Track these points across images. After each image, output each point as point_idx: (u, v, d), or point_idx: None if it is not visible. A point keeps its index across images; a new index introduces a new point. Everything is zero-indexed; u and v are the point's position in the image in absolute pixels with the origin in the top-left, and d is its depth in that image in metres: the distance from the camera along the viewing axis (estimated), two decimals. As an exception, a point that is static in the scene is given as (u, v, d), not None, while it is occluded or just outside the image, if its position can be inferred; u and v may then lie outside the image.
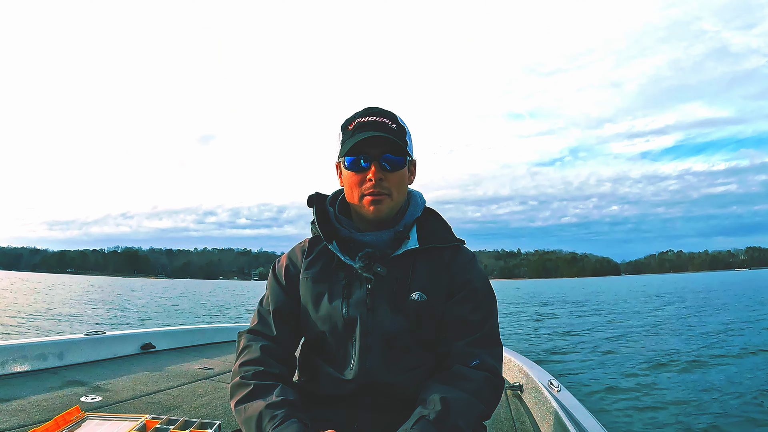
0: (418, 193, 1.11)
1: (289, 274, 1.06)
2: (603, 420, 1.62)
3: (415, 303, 0.97)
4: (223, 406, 1.97)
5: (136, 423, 1.40)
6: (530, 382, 2.14)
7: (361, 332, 0.96)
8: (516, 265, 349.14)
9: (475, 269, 1.04)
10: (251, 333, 1.03)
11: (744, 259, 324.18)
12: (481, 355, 0.95)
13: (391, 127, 0.98)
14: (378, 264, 0.97)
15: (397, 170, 0.98)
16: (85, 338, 2.67)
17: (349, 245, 1.02)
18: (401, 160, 0.99)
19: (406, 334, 0.97)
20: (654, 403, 4.98)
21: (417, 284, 0.99)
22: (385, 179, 0.97)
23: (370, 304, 0.97)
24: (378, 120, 0.98)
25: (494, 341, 1.00)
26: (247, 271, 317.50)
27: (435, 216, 1.11)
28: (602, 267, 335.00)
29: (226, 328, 3.79)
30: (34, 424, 1.57)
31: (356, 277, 0.99)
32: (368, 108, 1.01)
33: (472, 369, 0.93)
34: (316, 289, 1.01)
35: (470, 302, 1.00)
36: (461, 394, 0.87)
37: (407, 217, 1.05)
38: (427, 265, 1.01)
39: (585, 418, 1.59)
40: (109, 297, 27.92)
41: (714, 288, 37.86)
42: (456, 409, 0.84)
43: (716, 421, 4.33)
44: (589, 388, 5.70)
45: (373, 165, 0.96)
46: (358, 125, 0.98)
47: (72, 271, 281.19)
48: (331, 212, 1.06)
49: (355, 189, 0.99)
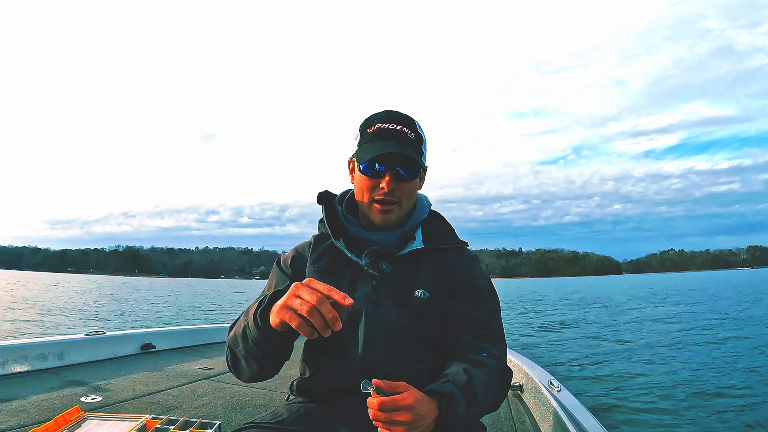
0: (424, 197, 1.14)
1: (295, 264, 1.08)
2: (603, 420, 1.62)
3: (418, 300, 0.99)
4: (223, 406, 1.97)
5: (136, 423, 1.40)
6: (530, 382, 2.14)
7: (366, 326, 0.97)
8: (517, 263, 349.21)
9: (477, 269, 1.07)
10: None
11: (745, 258, 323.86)
12: (489, 348, 0.98)
13: (410, 137, 0.99)
14: (383, 261, 1.00)
15: (411, 181, 1.00)
16: (85, 338, 2.68)
17: (356, 243, 1.03)
18: (416, 171, 1.00)
19: (408, 330, 0.98)
20: (654, 403, 4.98)
21: (420, 282, 1.01)
22: (398, 188, 0.99)
23: (375, 299, 0.98)
24: (398, 129, 0.98)
25: (500, 338, 1.03)
26: (248, 270, 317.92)
27: (440, 219, 1.14)
28: (603, 266, 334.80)
29: (227, 328, 3.79)
30: (34, 424, 1.58)
31: (362, 273, 1.01)
32: (389, 113, 1.01)
33: (485, 358, 0.95)
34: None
35: (473, 300, 1.02)
36: (481, 374, 0.90)
37: (413, 219, 1.07)
38: (431, 265, 1.03)
39: (585, 418, 1.59)
40: (109, 296, 27.97)
41: (714, 287, 37.83)
42: (478, 383, 0.87)
43: (717, 421, 4.33)
44: (589, 388, 5.70)
45: (388, 174, 0.97)
46: (378, 131, 0.98)
47: (73, 270, 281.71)
48: (340, 210, 1.07)
49: (366, 193, 1.00)
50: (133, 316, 16.03)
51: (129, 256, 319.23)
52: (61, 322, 12.61)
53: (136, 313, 17.26)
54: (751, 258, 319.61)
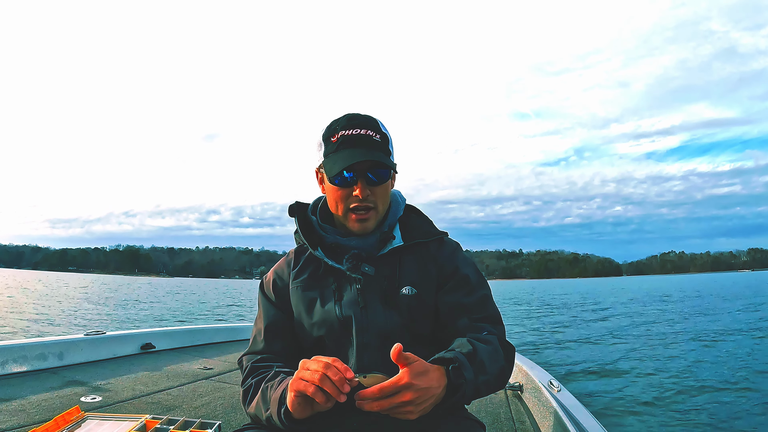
0: (398, 192, 1.12)
1: (277, 288, 1.07)
2: (603, 420, 1.62)
3: (406, 297, 0.98)
4: (223, 406, 1.97)
5: (136, 423, 1.40)
6: (530, 382, 2.14)
7: (357, 330, 0.97)
8: (518, 265, 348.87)
9: (461, 257, 1.06)
10: (247, 355, 1.04)
11: (746, 260, 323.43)
12: (487, 328, 0.97)
13: (375, 139, 0.97)
14: (365, 264, 0.99)
15: (383, 183, 0.99)
16: (85, 338, 2.68)
17: (335, 250, 1.02)
18: (386, 173, 0.99)
19: (401, 330, 0.98)
20: (654, 403, 4.97)
21: (406, 279, 1.00)
22: (372, 193, 0.97)
23: (362, 303, 0.98)
24: (363, 133, 0.96)
25: (497, 320, 1.01)
26: (249, 270, 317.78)
27: (416, 213, 1.13)
28: (604, 268, 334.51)
29: (226, 328, 3.80)
30: (34, 424, 1.58)
31: (345, 279, 1.00)
32: (351, 116, 0.99)
33: (485, 336, 0.94)
34: (307, 297, 1.02)
35: (462, 289, 1.02)
36: (484, 345, 0.90)
37: (390, 218, 1.06)
38: (414, 260, 1.03)
39: (585, 418, 1.59)
40: (109, 296, 27.96)
41: (714, 289, 37.76)
42: (483, 352, 0.87)
43: (716, 421, 4.33)
44: (589, 388, 5.70)
45: (360, 182, 0.95)
46: (342, 139, 0.96)
47: (73, 269, 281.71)
48: (314, 220, 1.06)
49: (341, 203, 0.98)
50: (133, 316, 16.03)
51: (129, 256, 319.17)
52: (61, 322, 12.61)
53: (136, 312, 17.25)
54: (751, 260, 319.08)
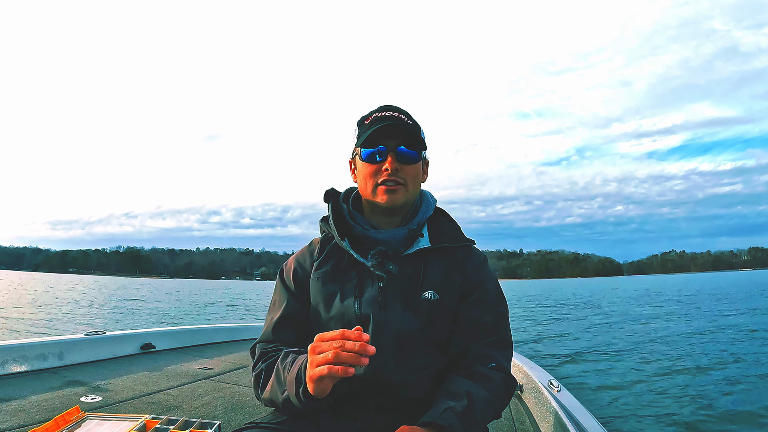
0: (429, 193, 1.13)
1: (297, 277, 1.06)
2: (603, 420, 1.62)
3: (427, 302, 0.97)
4: (223, 406, 1.97)
5: (136, 423, 1.40)
6: (530, 382, 2.13)
7: (374, 330, 0.95)
8: (518, 265, 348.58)
9: (487, 271, 1.06)
10: (260, 343, 1.04)
11: (747, 259, 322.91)
12: (497, 358, 0.97)
13: (407, 122, 1.00)
14: (390, 262, 0.98)
15: (413, 163, 1.01)
16: (85, 338, 2.68)
17: (362, 243, 1.02)
18: (416, 154, 1.01)
19: (418, 333, 0.96)
20: (654, 403, 4.97)
21: (429, 283, 0.99)
22: (401, 170, 0.99)
23: (383, 302, 0.97)
24: (395, 115, 1.00)
25: (507, 344, 1.02)
26: (249, 270, 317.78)
27: (445, 216, 1.12)
28: (605, 267, 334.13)
29: (226, 328, 3.79)
30: (34, 424, 1.58)
31: (368, 274, 0.99)
32: (384, 105, 1.04)
33: (491, 370, 0.94)
34: (327, 289, 1.01)
35: (484, 304, 1.01)
36: (484, 392, 0.89)
37: (420, 215, 1.06)
38: (440, 265, 1.02)
39: (585, 418, 1.59)
40: (109, 297, 27.98)
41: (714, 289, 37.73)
42: (479, 405, 0.86)
43: (717, 421, 4.32)
44: (589, 388, 5.69)
45: (390, 156, 0.98)
46: (374, 120, 1.00)
47: (74, 270, 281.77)
48: (345, 209, 1.06)
49: (370, 180, 1.00)
50: (133, 316, 16.03)
51: (130, 257, 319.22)
52: (61, 322, 12.62)
53: (136, 313, 17.25)
54: (752, 259, 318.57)
